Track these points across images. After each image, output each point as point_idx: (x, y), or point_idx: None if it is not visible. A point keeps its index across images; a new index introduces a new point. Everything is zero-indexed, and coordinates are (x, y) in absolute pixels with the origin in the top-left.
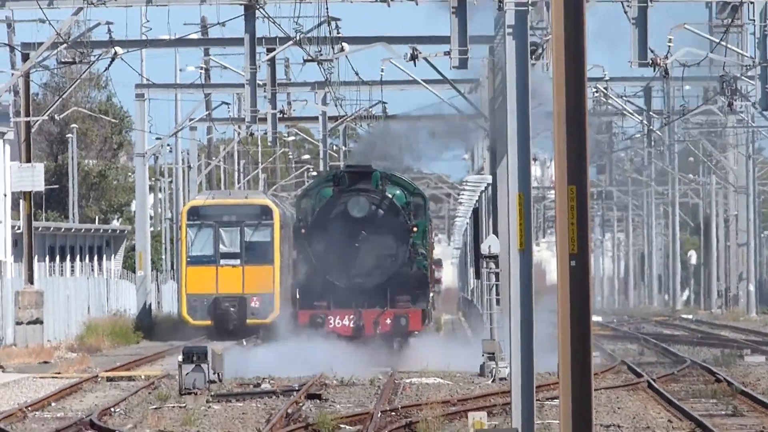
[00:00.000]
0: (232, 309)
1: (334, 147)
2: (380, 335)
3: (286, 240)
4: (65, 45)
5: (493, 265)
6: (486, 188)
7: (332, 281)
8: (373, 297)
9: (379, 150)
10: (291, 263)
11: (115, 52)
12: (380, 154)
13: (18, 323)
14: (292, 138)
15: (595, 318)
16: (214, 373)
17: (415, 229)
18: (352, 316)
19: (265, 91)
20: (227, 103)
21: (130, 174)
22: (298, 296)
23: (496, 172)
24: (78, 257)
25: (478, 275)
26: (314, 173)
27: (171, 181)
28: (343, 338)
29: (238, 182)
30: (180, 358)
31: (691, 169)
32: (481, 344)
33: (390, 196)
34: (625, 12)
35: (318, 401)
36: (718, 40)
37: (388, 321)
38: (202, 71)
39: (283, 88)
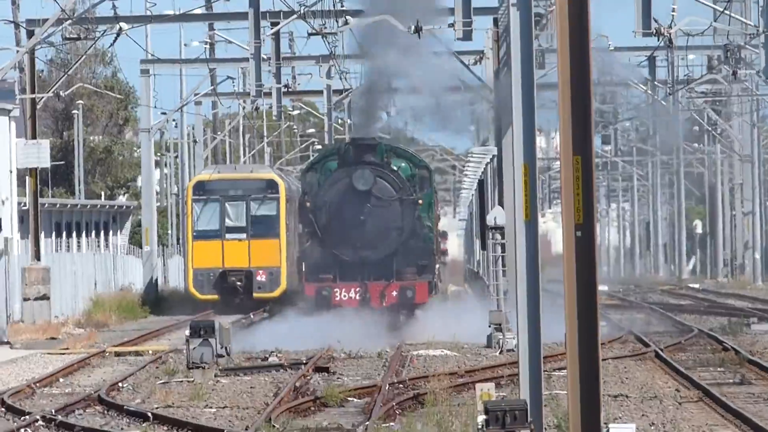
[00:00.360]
0: (238, 283)
1: (339, 120)
2: (387, 307)
3: (292, 213)
4: (70, 21)
5: (498, 237)
6: (491, 160)
7: (338, 254)
8: (379, 269)
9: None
10: (296, 237)
11: (120, 28)
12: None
13: (25, 299)
14: (297, 112)
15: (601, 287)
16: (221, 348)
17: (420, 201)
18: (358, 289)
19: (269, 65)
20: (232, 78)
21: (135, 149)
22: (303, 269)
23: (501, 144)
24: (84, 233)
25: (484, 246)
26: (319, 147)
27: (176, 156)
28: (349, 311)
29: (244, 156)
30: (187, 332)
31: (695, 138)
32: (487, 315)
33: (395, 168)
34: None
35: (326, 374)
36: (722, 9)
37: (395, 293)
38: (207, 46)
39: (288, 62)
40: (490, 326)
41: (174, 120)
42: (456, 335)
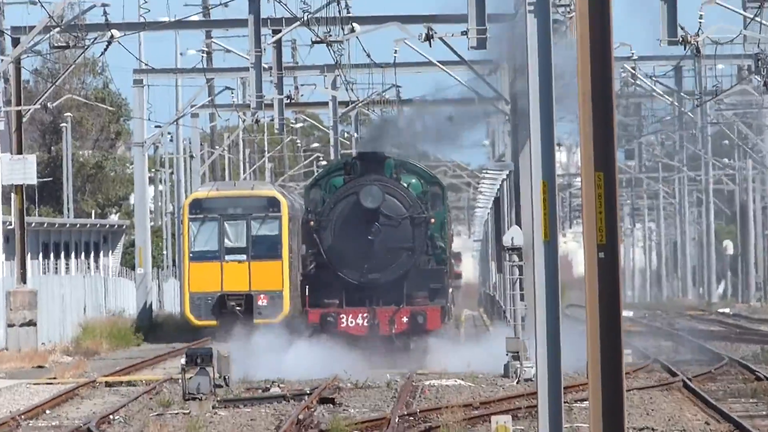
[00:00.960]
0: (238, 308)
1: (345, 134)
2: (396, 335)
3: (295, 234)
4: (58, 28)
5: (516, 258)
6: (508, 176)
7: (344, 277)
8: (388, 294)
9: (391, 135)
10: (299, 258)
11: (112, 36)
12: (393, 140)
13: (10, 325)
14: (300, 125)
15: (625, 313)
16: (219, 377)
17: (432, 220)
18: (365, 315)
19: (270, 76)
20: (231, 89)
21: (128, 165)
22: (307, 294)
23: (518, 159)
24: (73, 254)
25: (500, 269)
26: (324, 162)
27: (172, 173)
28: (356, 338)
29: (244, 172)
30: (183, 360)
31: (725, 153)
32: (504, 343)
33: (405, 185)
34: None
35: (331, 406)
36: (752, 16)
37: (405, 319)
38: (204, 55)
39: (290, 72)
40: (507, 354)
41: (169, 134)
42: (470, 364)
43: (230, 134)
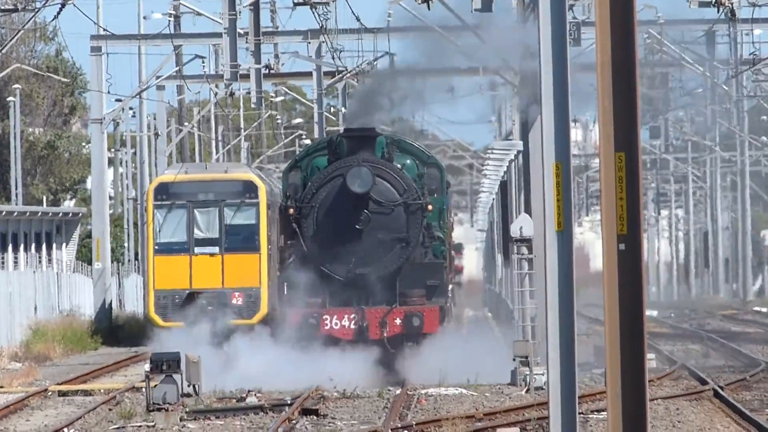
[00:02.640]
0: (209, 307)
1: (332, 109)
2: (388, 339)
3: (274, 223)
4: None
5: (525, 250)
6: (516, 157)
7: (328, 273)
8: (379, 292)
9: (378, 100)
10: (278, 251)
11: None
12: (380, 104)
13: None
14: (280, 98)
15: (649, 312)
16: (188, 385)
17: (429, 207)
18: (353, 316)
19: (247, 42)
20: (202, 57)
21: (84, 144)
22: (286, 292)
23: (528, 137)
24: (22, 246)
25: (507, 263)
26: (307, 141)
27: (134, 153)
28: (342, 343)
29: (216, 153)
30: (147, 367)
31: (763, 130)
32: (512, 347)
33: (399, 166)
34: None
35: (315, 418)
36: None
37: (398, 321)
38: (171, 19)
39: (269, 38)
40: (514, 359)
41: (131, 108)
42: (476, 374)
43: (201, 109)
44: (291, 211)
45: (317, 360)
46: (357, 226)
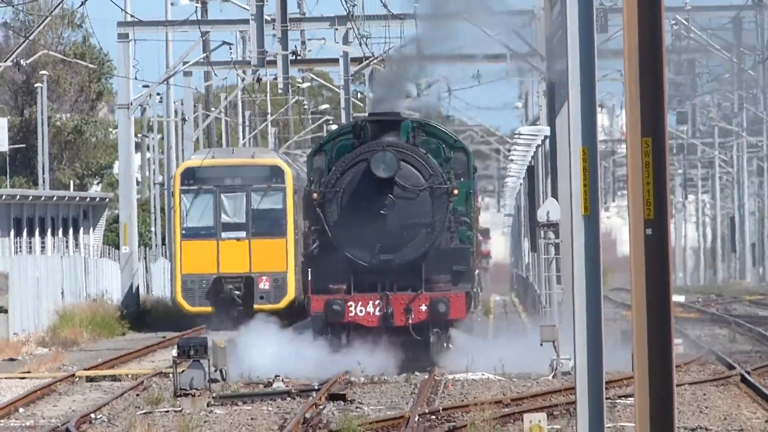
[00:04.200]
0: (236, 292)
1: (359, 95)
2: (413, 325)
3: (301, 207)
4: None
5: (552, 235)
6: (543, 142)
7: (352, 258)
8: (404, 278)
9: (403, 85)
10: (302, 236)
11: None
12: (404, 88)
13: None
14: (307, 84)
15: (676, 298)
16: (215, 371)
17: (455, 191)
18: (377, 302)
19: (274, 29)
20: (229, 44)
21: (111, 129)
22: (310, 278)
23: (555, 123)
24: (50, 231)
25: (534, 247)
26: (334, 126)
27: (162, 138)
28: (366, 330)
29: (243, 138)
30: (174, 352)
31: None
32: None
33: (424, 151)
34: None
35: (342, 403)
36: None
37: (424, 307)
38: (198, 5)
39: (296, 25)
40: (541, 344)
41: (158, 94)
42: (503, 361)
43: (228, 95)
44: (315, 196)
45: (342, 346)
46: (382, 211)
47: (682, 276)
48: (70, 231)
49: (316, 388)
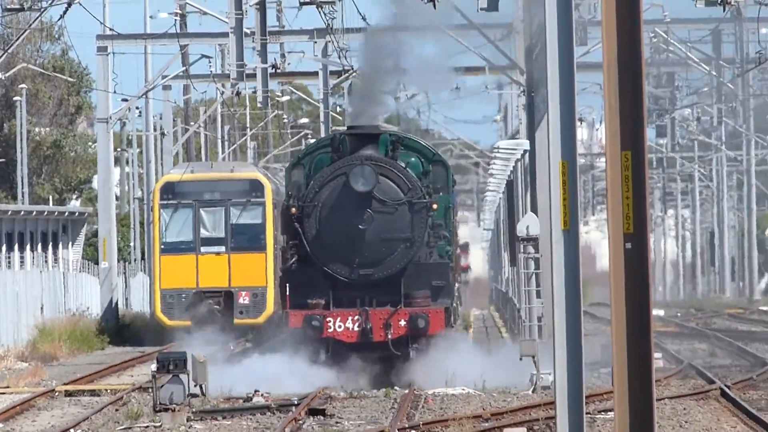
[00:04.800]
0: (216, 307)
1: (338, 108)
2: (393, 341)
3: (280, 221)
4: None
5: (531, 249)
6: (522, 156)
7: (331, 273)
8: (383, 293)
9: (380, 96)
10: (279, 251)
11: None
12: (381, 99)
13: None
14: (286, 98)
15: (656, 312)
16: (195, 385)
17: (435, 206)
18: (356, 318)
19: (253, 42)
20: (208, 57)
21: (90, 144)
22: (288, 292)
23: (534, 136)
24: (28, 246)
25: (513, 262)
26: (313, 140)
27: (141, 152)
28: (345, 345)
29: (222, 152)
30: (153, 367)
31: None
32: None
33: (403, 164)
34: None
35: (322, 418)
36: None
37: (403, 323)
38: (177, 18)
39: (276, 38)
40: (521, 359)
41: (137, 108)
42: (483, 375)
43: (207, 108)
44: (293, 210)
45: (321, 362)
46: (360, 226)
47: (661, 290)
48: (50, 246)
49: (296, 403)
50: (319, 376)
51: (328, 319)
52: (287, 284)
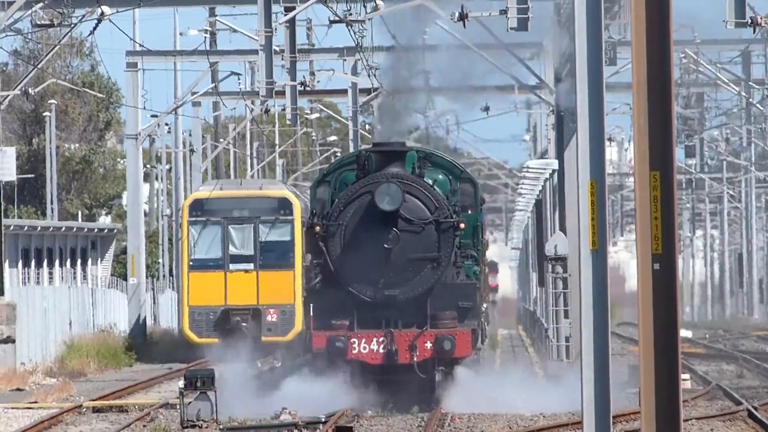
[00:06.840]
0: (244, 324)
1: (367, 126)
2: (418, 363)
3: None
4: (41, 4)
5: (560, 269)
6: (551, 175)
7: (355, 293)
8: (409, 314)
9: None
10: (303, 270)
11: (102, 13)
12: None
13: None
14: (315, 115)
15: (683, 333)
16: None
17: (462, 225)
18: (381, 339)
19: (282, 59)
20: (237, 74)
21: (119, 160)
22: (311, 313)
23: (563, 156)
24: (57, 262)
25: (542, 281)
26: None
27: (170, 169)
28: (369, 367)
29: (251, 169)
30: (181, 383)
31: None
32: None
33: (430, 182)
34: None
35: None
36: None
37: (428, 345)
38: (207, 35)
39: (305, 56)
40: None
41: (167, 124)
42: (511, 400)
43: (236, 126)
44: (317, 229)
45: (346, 384)
46: (386, 245)
47: (689, 311)
48: (78, 262)
49: (323, 420)
50: (345, 395)
51: (352, 340)
52: (311, 304)
